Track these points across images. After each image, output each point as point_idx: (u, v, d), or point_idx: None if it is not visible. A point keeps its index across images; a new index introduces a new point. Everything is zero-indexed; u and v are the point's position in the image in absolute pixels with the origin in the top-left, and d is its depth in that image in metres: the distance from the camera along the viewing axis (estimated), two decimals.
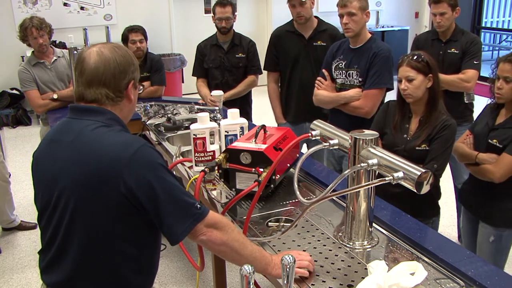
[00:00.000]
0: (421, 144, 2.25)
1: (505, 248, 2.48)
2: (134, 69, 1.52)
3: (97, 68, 1.44)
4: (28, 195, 4.62)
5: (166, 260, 3.51)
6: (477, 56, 3.17)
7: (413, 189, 1.46)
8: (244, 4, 8.35)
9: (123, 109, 1.52)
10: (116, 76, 1.46)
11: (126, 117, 1.56)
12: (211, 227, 1.44)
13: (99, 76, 1.44)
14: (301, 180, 2.28)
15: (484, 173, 2.33)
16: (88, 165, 1.38)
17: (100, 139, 1.40)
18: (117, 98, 1.48)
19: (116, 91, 1.47)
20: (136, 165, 1.36)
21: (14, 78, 7.06)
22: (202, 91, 3.77)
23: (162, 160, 1.44)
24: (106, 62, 1.45)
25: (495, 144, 2.33)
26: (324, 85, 3.02)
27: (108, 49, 1.47)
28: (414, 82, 2.23)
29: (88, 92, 1.46)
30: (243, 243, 1.50)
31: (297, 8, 3.30)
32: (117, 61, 1.46)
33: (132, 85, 1.51)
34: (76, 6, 7.31)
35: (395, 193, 2.03)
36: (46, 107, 3.58)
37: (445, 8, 3.17)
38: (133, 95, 1.53)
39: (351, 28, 2.84)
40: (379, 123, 2.46)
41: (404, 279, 1.38)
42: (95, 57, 1.45)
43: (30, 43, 3.56)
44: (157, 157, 1.42)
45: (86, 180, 1.37)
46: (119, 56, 1.47)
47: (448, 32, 3.26)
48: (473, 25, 8.47)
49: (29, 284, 3.25)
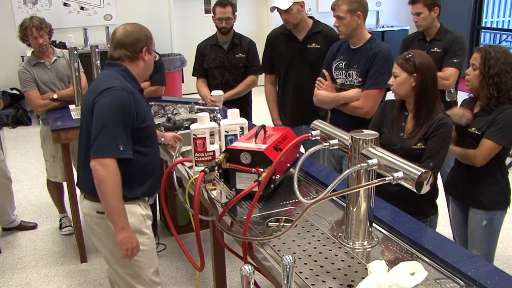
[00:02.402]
0: (417, 143, 2.26)
1: (497, 231, 2.59)
2: (147, 39, 2.17)
3: (120, 37, 2.14)
4: (28, 195, 4.62)
5: (166, 260, 3.51)
6: (457, 55, 3.23)
7: (413, 189, 1.47)
8: (244, 4, 8.35)
9: (138, 65, 2.17)
10: (133, 42, 2.13)
11: (141, 74, 2.21)
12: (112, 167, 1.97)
13: (122, 42, 2.13)
14: (301, 180, 2.28)
15: (467, 157, 2.48)
16: (89, 90, 2.15)
17: (104, 77, 2.14)
18: (134, 58, 2.15)
19: (132, 52, 2.13)
20: (105, 95, 2.01)
21: (14, 78, 7.04)
22: (202, 91, 3.77)
23: (128, 106, 2.01)
24: (127, 34, 2.14)
25: (474, 132, 2.46)
26: (324, 85, 3.02)
27: (130, 25, 2.18)
28: (398, 79, 2.31)
29: (115, 52, 2.15)
30: (115, 195, 1.99)
31: (283, 14, 3.31)
32: (134, 33, 2.14)
33: (145, 50, 2.16)
34: (76, 6, 7.32)
35: (393, 192, 2.03)
36: (46, 107, 3.58)
37: (420, 8, 3.27)
38: (147, 58, 2.18)
39: (341, 31, 2.88)
40: (377, 122, 2.49)
41: (404, 279, 1.38)
42: (121, 30, 2.15)
43: (30, 43, 3.55)
44: (120, 105, 2.00)
45: (85, 99, 2.13)
46: (136, 30, 2.16)
47: (432, 32, 3.34)
48: (473, 25, 8.47)
49: (29, 284, 3.25)
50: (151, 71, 2.30)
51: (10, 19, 6.98)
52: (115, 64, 2.14)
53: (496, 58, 2.37)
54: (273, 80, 3.63)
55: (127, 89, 2.04)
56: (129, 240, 2.04)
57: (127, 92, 2.03)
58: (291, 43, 3.43)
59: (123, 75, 2.11)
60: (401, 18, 9.01)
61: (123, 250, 2.05)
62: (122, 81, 2.08)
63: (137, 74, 2.17)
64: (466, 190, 2.59)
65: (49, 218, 4.13)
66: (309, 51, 3.37)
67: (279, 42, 3.49)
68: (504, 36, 10.96)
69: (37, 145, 5.98)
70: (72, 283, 3.25)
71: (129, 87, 2.07)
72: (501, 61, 2.37)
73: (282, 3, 3.26)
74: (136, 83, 2.17)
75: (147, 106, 2.21)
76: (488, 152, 2.40)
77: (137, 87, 2.17)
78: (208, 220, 2.38)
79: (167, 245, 3.66)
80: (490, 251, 2.61)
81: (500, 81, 2.37)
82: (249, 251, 1.81)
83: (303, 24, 3.37)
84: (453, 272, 1.53)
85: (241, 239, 1.79)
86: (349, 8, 2.80)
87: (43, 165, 3.91)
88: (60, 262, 3.49)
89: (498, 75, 2.37)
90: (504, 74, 2.37)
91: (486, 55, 2.40)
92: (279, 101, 3.60)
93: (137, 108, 2.06)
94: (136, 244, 2.07)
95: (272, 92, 3.63)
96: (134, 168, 2.09)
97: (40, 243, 3.75)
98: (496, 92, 2.38)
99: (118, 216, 2.01)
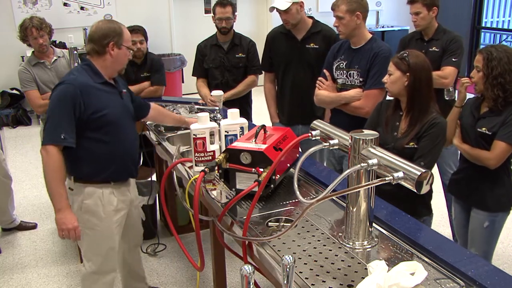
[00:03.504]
0: (409, 142, 2.27)
1: (497, 233, 2.59)
2: (115, 34, 2.28)
3: (91, 32, 2.31)
4: (28, 195, 4.62)
5: (166, 260, 3.51)
6: (456, 54, 3.24)
7: (413, 189, 1.47)
8: (244, 4, 8.35)
9: (106, 59, 2.30)
10: (100, 37, 2.27)
11: (108, 66, 2.32)
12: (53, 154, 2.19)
13: (91, 37, 2.30)
14: (301, 180, 2.28)
15: (480, 158, 2.44)
16: None
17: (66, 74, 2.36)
18: (101, 52, 2.29)
19: (100, 46, 2.28)
20: (54, 91, 2.24)
21: (14, 78, 7.05)
22: (202, 91, 3.77)
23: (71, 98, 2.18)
24: (97, 29, 2.29)
25: (484, 132, 2.44)
26: (325, 85, 3.02)
27: (103, 22, 2.34)
28: (391, 77, 2.32)
29: (86, 47, 2.34)
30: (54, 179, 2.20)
31: (282, 14, 3.31)
32: (103, 29, 2.28)
33: (112, 45, 2.28)
34: (76, 6, 7.32)
35: (386, 191, 2.02)
36: (46, 107, 3.56)
37: (419, 8, 3.27)
38: (114, 52, 2.29)
39: (341, 31, 2.89)
40: (373, 122, 2.50)
41: (404, 279, 1.38)
42: (93, 26, 2.32)
43: (30, 43, 3.55)
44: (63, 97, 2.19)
45: None
46: (105, 26, 2.29)
47: (430, 31, 3.35)
48: (473, 25, 8.46)
49: (29, 284, 3.25)
50: (124, 65, 2.40)
51: (10, 19, 6.98)
52: (83, 59, 2.38)
53: (498, 58, 2.35)
54: (272, 79, 3.64)
55: (75, 83, 2.21)
56: (64, 221, 2.21)
57: (74, 86, 2.20)
58: (290, 42, 3.43)
59: (84, 69, 2.30)
60: (401, 18, 9.00)
61: (59, 230, 2.24)
62: (79, 75, 2.27)
63: (103, 67, 2.31)
64: (470, 190, 2.57)
65: (49, 218, 4.13)
66: (308, 51, 3.38)
67: (279, 41, 3.50)
68: (504, 36, 10.96)
69: (37, 145, 5.98)
70: (72, 283, 3.25)
71: (81, 81, 2.24)
72: (504, 60, 2.35)
73: (280, 4, 3.26)
74: (99, 76, 2.31)
75: (108, 96, 2.32)
76: (502, 154, 2.36)
77: (99, 79, 2.31)
78: (208, 220, 2.38)
79: (167, 245, 3.66)
80: (489, 251, 2.61)
81: (505, 81, 2.34)
82: (249, 251, 1.81)
83: (303, 24, 3.37)
84: (453, 272, 1.53)
85: (241, 239, 1.79)
86: (348, 8, 2.80)
87: None
88: (60, 262, 3.49)
89: (502, 75, 2.34)
90: (508, 74, 2.34)
91: (488, 56, 2.37)
92: (278, 100, 3.62)
93: (86, 99, 2.21)
94: (72, 226, 2.21)
95: (271, 90, 3.65)
96: (95, 154, 2.30)
97: (40, 243, 3.74)
98: (501, 92, 2.36)
99: (55, 198, 2.22)
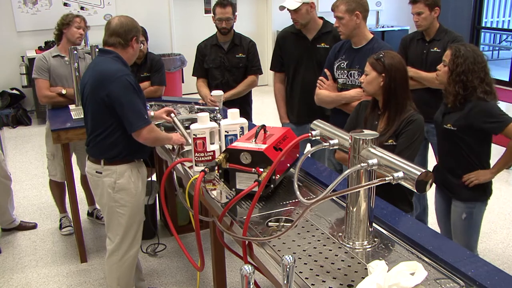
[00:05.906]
0: (388, 140, 2.29)
1: (476, 225, 2.60)
2: (136, 30, 2.60)
3: (115, 27, 2.55)
4: (28, 195, 4.62)
5: (166, 260, 3.51)
6: None
7: (414, 189, 1.47)
8: (244, 4, 8.35)
9: (128, 52, 2.60)
10: (126, 32, 2.55)
11: (129, 59, 2.63)
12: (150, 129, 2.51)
13: (116, 31, 2.54)
14: (301, 180, 2.28)
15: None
16: (94, 78, 2.52)
17: (103, 65, 2.54)
18: (125, 45, 2.56)
19: (125, 40, 2.55)
20: (115, 85, 2.45)
21: (14, 78, 7.11)
22: (202, 91, 3.77)
23: (135, 85, 2.49)
24: (122, 24, 2.55)
25: (449, 128, 2.48)
26: (326, 85, 3.02)
27: (124, 17, 2.61)
28: (367, 77, 2.37)
29: (110, 39, 2.56)
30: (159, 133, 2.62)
31: (292, 14, 3.32)
32: (128, 24, 2.57)
33: (135, 39, 2.59)
34: (76, 6, 7.31)
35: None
36: (50, 100, 3.58)
37: (422, 8, 3.27)
38: (135, 46, 2.61)
39: (341, 31, 2.90)
40: (352, 122, 2.53)
41: (404, 279, 1.38)
42: (116, 21, 2.57)
43: (67, 32, 3.62)
44: (128, 85, 2.45)
45: (92, 86, 2.52)
46: (129, 22, 2.58)
47: (431, 32, 3.35)
48: (473, 25, 8.46)
49: (29, 284, 3.25)
50: (136, 57, 2.72)
51: (10, 19, 6.98)
52: (108, 51, 2.57)
53: (465, 57, 2.40)
54: (282, 79, 3.64)
55: (129, 73, 2.52)
56: (178, 138, 2.68)
57: (131, 76, 2.51)
58: (300, 42, 3.43)
59: (116, 60, 2.54)
60: (401, 18, 9.00)
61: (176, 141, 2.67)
62: (120, 66, 2.52)
63: (126, 58, 2.60)
64: (448, 181, 2.61)
65: (49, 218, 4.13)
66: (318, 51, 3.38)
67: (289, 41, 3.50)
68: (504, 36, 10.97)
69: (37, 145, 5.99)
70: (72, 283, 3.25)
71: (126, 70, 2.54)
72: (470, 60, 2.40)
73: (290, 3, 3.27)
74: (127, 67, 2.59)
75: None
76: None
77: (128, 70, 2.58)
78: (208, 220, 2.38)
79: (167, 245, 3.66)
80: (471, 242, 2.63)
81: (467, 79, 2.39)
82: (249, 251, 1.81)
83: (313, 24, 3.38)
84: (453, 272, 1.53)
85: (241, 239, 1.79)
86: (347, 8, 2.81)
87: (43, 165, 3.92)
88: (60, 262, 3.49)
89: (465, 73, 2.39)
90: (471, 73, 2.39)
91: (456, 53, 2.42)
92: (287, 100, 3.61)
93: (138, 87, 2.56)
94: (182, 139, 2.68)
95: (281, 90, 3.64)
96: (128, 134, 2.53)
97: (40, 243, 3.75)
98: (462, 90, 2.41)
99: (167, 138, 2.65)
